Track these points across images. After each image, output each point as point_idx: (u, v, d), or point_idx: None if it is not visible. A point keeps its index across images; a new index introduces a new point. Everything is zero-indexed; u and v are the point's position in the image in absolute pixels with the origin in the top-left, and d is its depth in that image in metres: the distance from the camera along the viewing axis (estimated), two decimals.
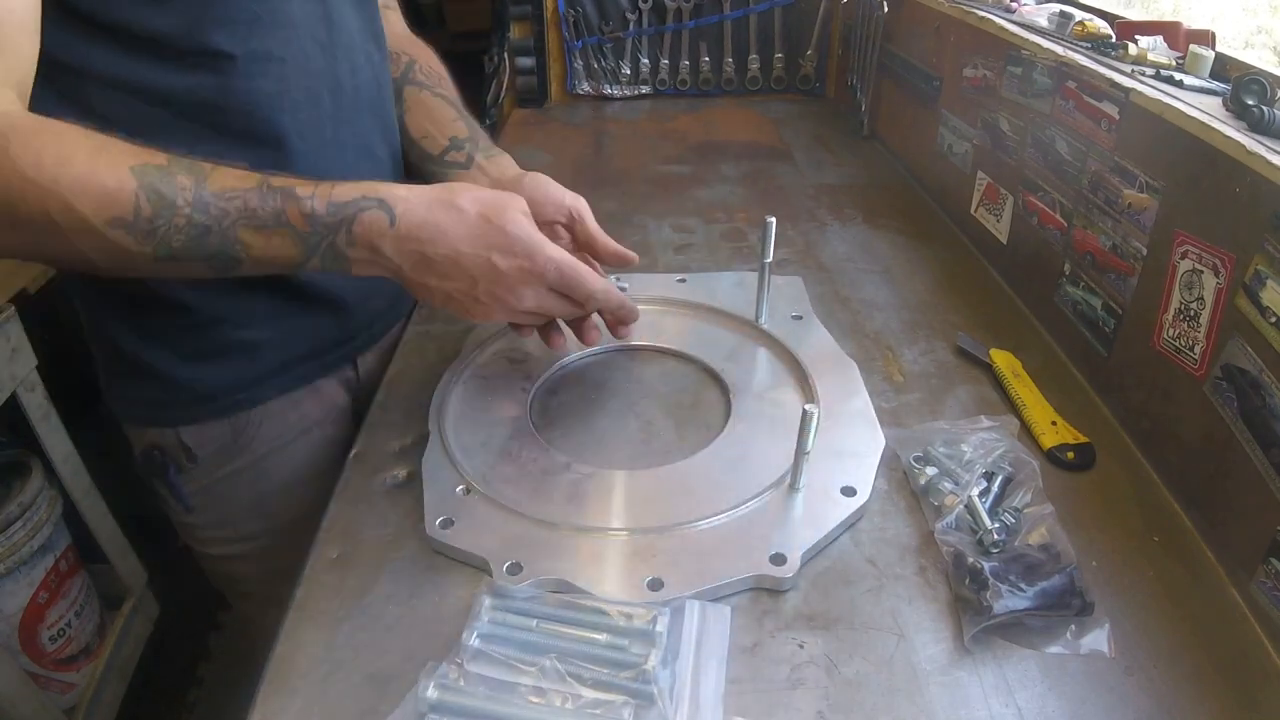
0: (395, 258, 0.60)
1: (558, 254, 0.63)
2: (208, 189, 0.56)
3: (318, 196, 0.59)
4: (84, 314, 0.74)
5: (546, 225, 0.74)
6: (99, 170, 0.53)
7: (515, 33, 1.68)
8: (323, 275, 0.69)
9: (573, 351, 0.84)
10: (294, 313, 0.76)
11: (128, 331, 0.72)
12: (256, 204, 0.57)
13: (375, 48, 0.79)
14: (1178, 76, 0.76)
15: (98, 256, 0.55)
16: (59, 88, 0.58)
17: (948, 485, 0.64)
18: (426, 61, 0.91)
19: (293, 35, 0.67)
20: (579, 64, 1.69)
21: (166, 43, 0.60)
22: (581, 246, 0.77)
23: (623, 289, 0.73)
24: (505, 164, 0.86)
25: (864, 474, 0.66)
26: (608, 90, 1.71)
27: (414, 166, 0.88)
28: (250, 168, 0.59)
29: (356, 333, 0.84)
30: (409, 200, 0.60)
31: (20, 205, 0.51)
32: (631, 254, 0.78)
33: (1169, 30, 0.85)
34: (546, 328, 0.72)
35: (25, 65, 0.55)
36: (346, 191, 0.60)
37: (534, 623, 0.54)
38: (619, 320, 0.74)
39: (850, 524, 0.63)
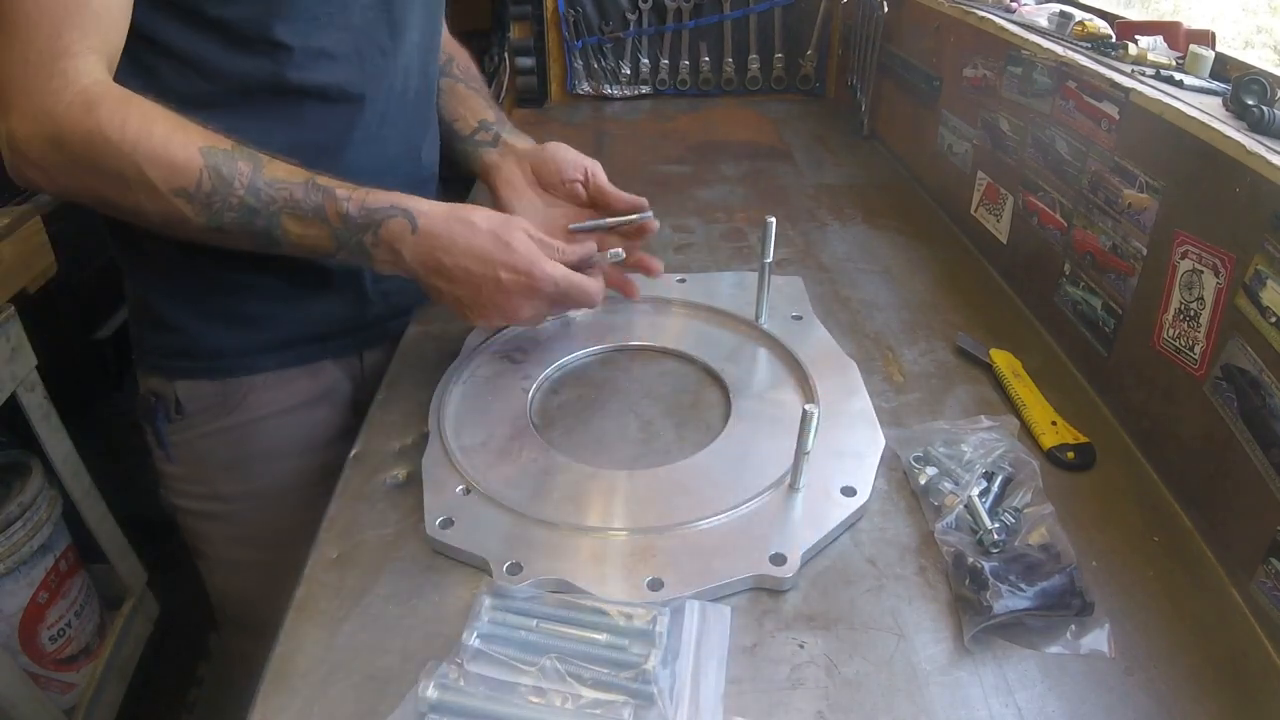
0: (412, 261, 0.68)
1: (556, 271, 0.70)
2: (263, 176, 0.64)
3: (353, 200, 0.66)
4: (124, 268, 0.82)
5: (569, 183, 0.87)
6: (173, 144, 0.60)
7: (515, 33, 1.68)
8: (342, 266, 0.77)
9: (573, 351, 0.84)
10: (312, 295, 0.80)
11: (157, 288, 0.79)
12: (301, 197, 0.65)
13: (432, 59, 0.86)
14: (1178, 76, 0.76)
15: (156, 217, 0.62)
16: (132, 56, 0.64)
17: (948, 485, 0.64)
18: (464, 60, 1.01)
19: (350, 37, 0.73)
20: (579, 64, 1.69)
21: (234, 29, 0.67)
22: (595, 199, 0.87)
23: (617, 255, 0.81)
24: (528, 141, 0.94)
25: (864, 474, 0.66)
26: (608, 90, 1.71)
27: (446, 145, 0.95)
28: (301, 162, 0.66)
29: (369, 325, 0.86)
30: (430, 214, 0.68)
31: (100, 159, 0.59)
32: (641, 200, 0.85)
33: (1169, 30, 0.85)
34: None
35: (116, 39, 0.62)
36: (379, 199, 0.67)
37: (534, 623, 0.54)
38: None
39: (850, 524, 0.63)
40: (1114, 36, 0.88)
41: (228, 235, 0.65)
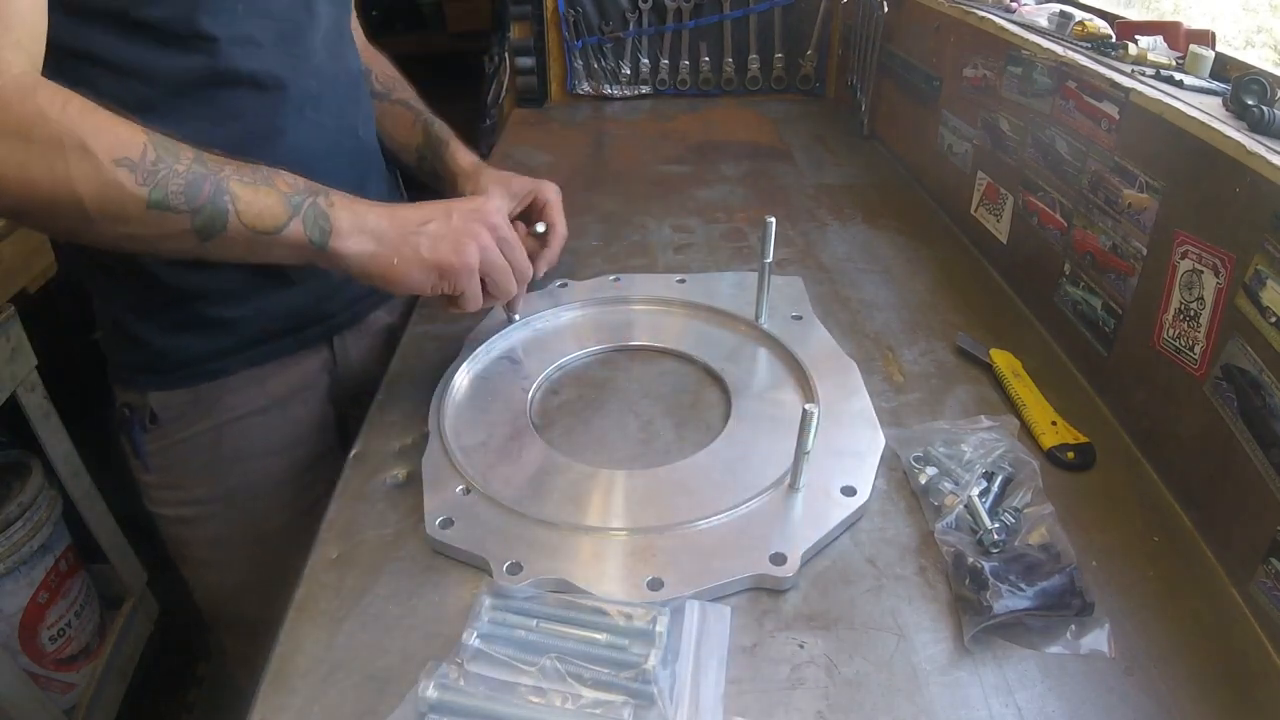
0: (370, 215, 0.67)
1: (504, 214, 0.74)
2: (207, 154, 0.62)
3: (300, 178, 0.66)
4: (93, 291, 0.81)
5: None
6: (117, 125, 0.58)
7: (515, 33, 1.68)
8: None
9: (573, 351, 0.84)
10: (274, 289, 0.80)
11: (124, 305, 0.78)
12: (249, 170, 0.63)
13: (349, 42, 0.86)
14: (1178, 76, 0.76)
15: (91, 194, 0.57)
16: (67, 72, 0.62)
17: (948, 485, 0.64)
18: (382, 69, 1.00)
19: (272, 23, 0.73)
20: (579, 64, 1.69)
21: (161, 27, 0.66)
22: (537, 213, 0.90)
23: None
24: (471, 157, 0.96)
25: (864, 474, 0.66)
26: (608, 90, 1.71)
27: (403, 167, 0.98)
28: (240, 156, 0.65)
29: (335, 313, 0.87)
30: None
31: (34, 131, 0.55)
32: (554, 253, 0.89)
33: (1169, 30, 0.85)
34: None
35: (37, 41, 0.60)
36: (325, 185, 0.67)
37: (534, 623, 0.54)
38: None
39: (850, 524, 0.63)
40: (1114, 36, 0.88)
41: (170, 215, 0.59)
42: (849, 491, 0.64)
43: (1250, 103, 0.64)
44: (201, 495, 0.85)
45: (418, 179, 1.00)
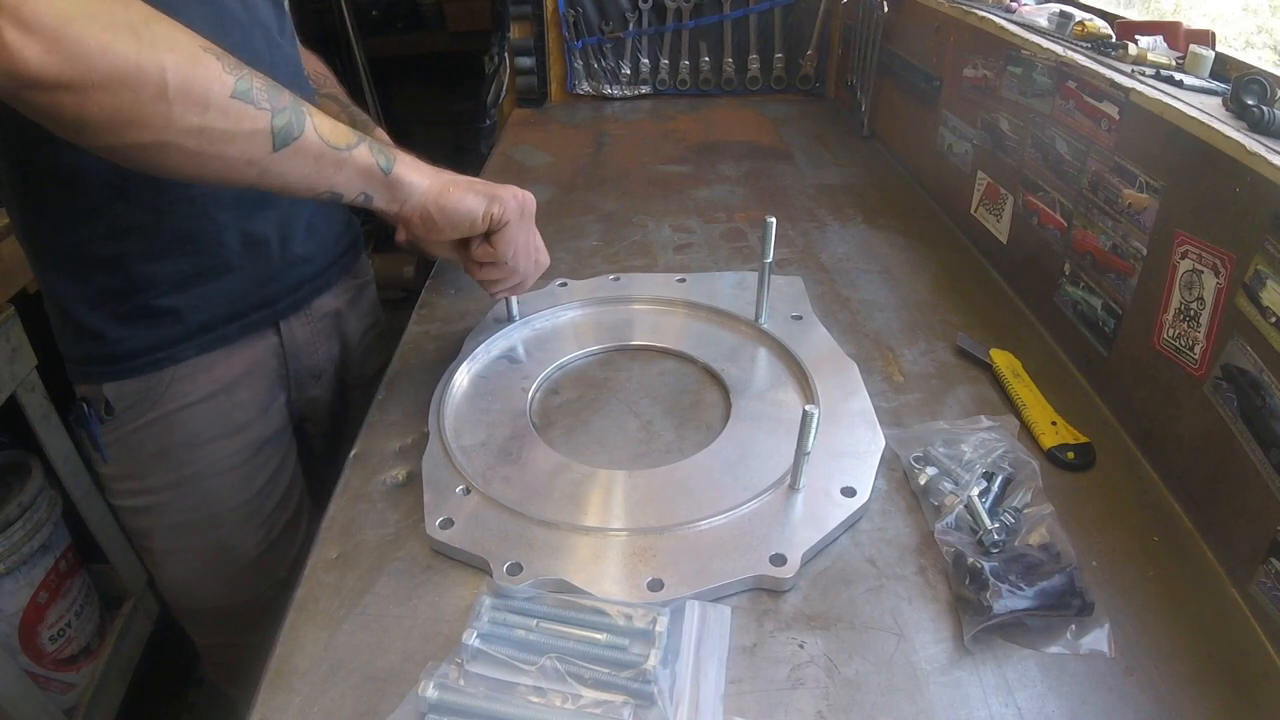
0: (424, 166, 0.71)
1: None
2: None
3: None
4: (40, 279, 0.80)
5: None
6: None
7: (515, 33, 1.68)
8: (244, 243, 0.79)
9: (573, 351, 0.84)
10: (219, 276, 0.80)
11: (75, 298, 0.78)
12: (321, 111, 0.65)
13: (290, 36, 0.86)
14: (1178, 76, 0.76)
15: (177, 69, 0.54)
16: None
17: (948, 485, 0.64)
18: (313, 67, 0.99)
19: (211, 11, 0.71)
20: (579, 64, 1.69)
21: None
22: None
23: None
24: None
25: (864, 474, 0.66)
26: (608, 90, 1.71)
27: None
28: None
29: (278, 298, 0.87)
30: None
31: (117, 11, 0.52)
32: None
33: (1169, 30, 0.85)
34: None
35: None
36: None
37: (534, 623, 0.54)
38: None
39: (850, 524, 0.63)
40: (1114, 36, 0.88)
41: (247, 111, 0.58)
42: (849, 492, 0.64)
43: (1250, 103, 0.64)
44: (156, 484, 0.85)
45: None
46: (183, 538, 0.88)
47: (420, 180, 0.70)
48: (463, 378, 0.80)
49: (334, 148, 0.64)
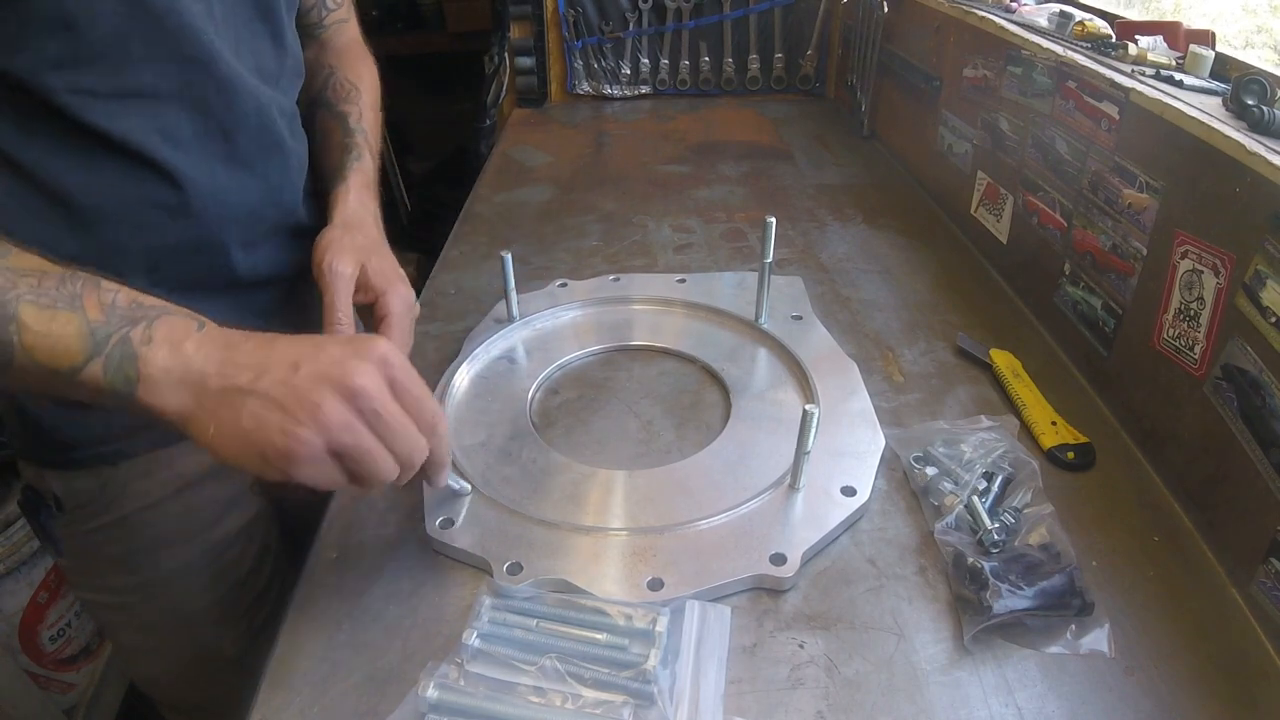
0: (197, 356, 0.50)
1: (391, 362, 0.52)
2: (7, 260, 0.49)
3: (123, 292, 0.51)
4: None
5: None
6: None
7: (515, 33, 1.68)
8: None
9: (573, 351, 0.84)
10: None
11: None
12: (54, 284, 0.49)
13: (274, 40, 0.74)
14: (1178, 76, 0.76)
15: None
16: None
17: (948, 485, 0.64)
18: (345, 72, 0.86)
19: (125, 64, 0.61)
20: (579, 64, 1.69)
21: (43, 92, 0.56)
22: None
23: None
24: (344, 212, 0.75)
25: (864, 474, 0.66)
26: (608, 90, 1.71)
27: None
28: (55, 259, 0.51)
29: None
30: (228, 323, 0.53)
31: None
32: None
33: (1169, 30, 0.85)
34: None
35: None
36: (159, 300, 0.52)
37: (534, 622, 0.54)
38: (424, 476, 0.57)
39: (850, 524, 0.63)
40: (1114, 36, 0.88)
41: None
42: (849, 491, 0.64)
43: (1250, 103, 0.64)
44: (118, 585, 0.76)
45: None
46: (154, 635, 0.79)
47: (178, 406, 0.49)
48: (463, 378, 0.80)
49: (53, 370, 0.48)
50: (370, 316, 0.69)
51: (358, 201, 0.75)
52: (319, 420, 0.48)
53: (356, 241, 0.69)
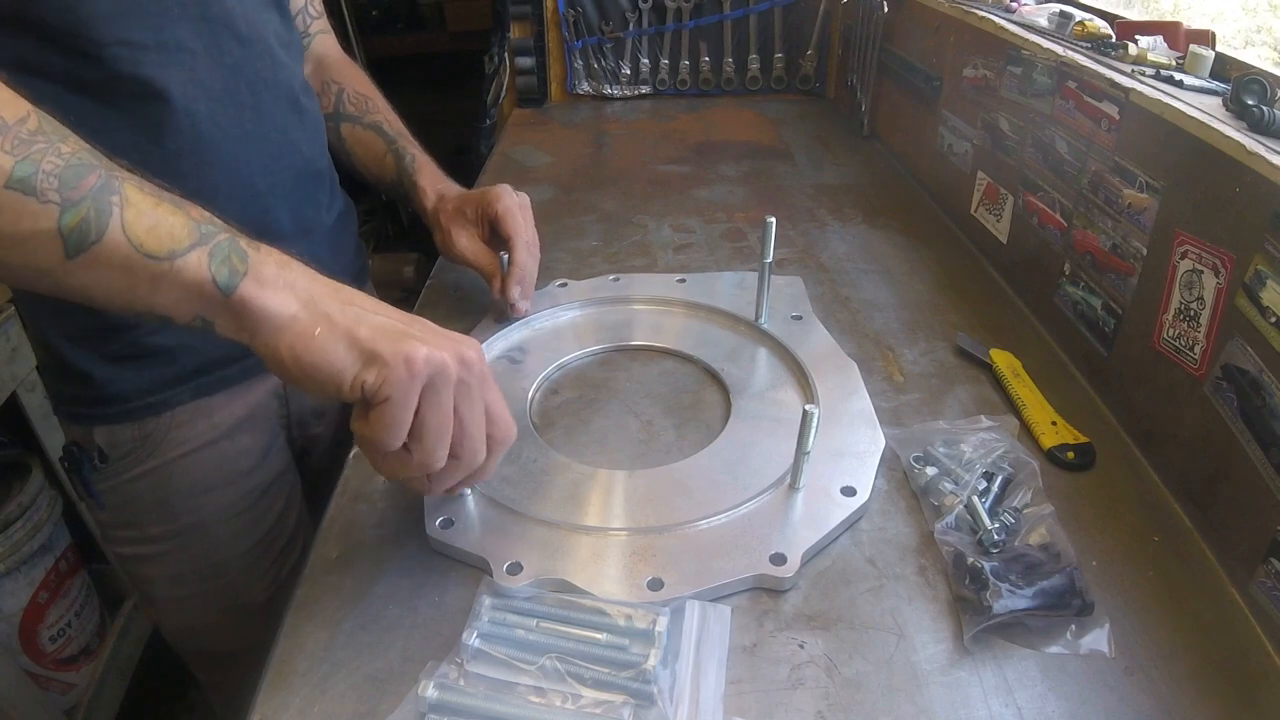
0: (305, 278, 0.51)
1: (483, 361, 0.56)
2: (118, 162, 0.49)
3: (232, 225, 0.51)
4: (25, 316, 0.77)
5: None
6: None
7: (515, 33, 1.68)
8: None
9: (573, 351, 0.84)
10: None
11: (57, 333, 0.73)
12: (156, 186, 0.49)
13: (295, 47, 0.81)
14: (1178, 76, 0.76)
15: None
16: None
17: (948, 485, 0.64)
18: (353, 86, 0.95)
19: (207, 29, 0.66)
20: (579, 64, 1.69)
21: (43, 31, 0.58)
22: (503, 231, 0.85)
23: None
24: (431, 197, 0.91)
25: (864, 474, 0.66)
26: (608, 90, 1.71)
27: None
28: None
29: None
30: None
31: None
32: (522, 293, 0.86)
33: (1169, 30, 0.85)
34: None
35: None
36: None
37: (534, 622, 0.54)
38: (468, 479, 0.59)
39: (850, 524, 0.63)
40: (1114, 36, 0.88)
41: (26, 206, 0.44)
42: (849, 491, 0.64)
43: (1250, 103, 0.64)
44: (156, 533, 0.80)
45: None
46: (186, 586, 0.84)
47: (280, 307, 0.49)
48: None
49: (150, 256, 0.47)
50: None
51: (433, 186, 0.90)
52: (433, 355, 0.50)
53: (451, 210, 0.87)
